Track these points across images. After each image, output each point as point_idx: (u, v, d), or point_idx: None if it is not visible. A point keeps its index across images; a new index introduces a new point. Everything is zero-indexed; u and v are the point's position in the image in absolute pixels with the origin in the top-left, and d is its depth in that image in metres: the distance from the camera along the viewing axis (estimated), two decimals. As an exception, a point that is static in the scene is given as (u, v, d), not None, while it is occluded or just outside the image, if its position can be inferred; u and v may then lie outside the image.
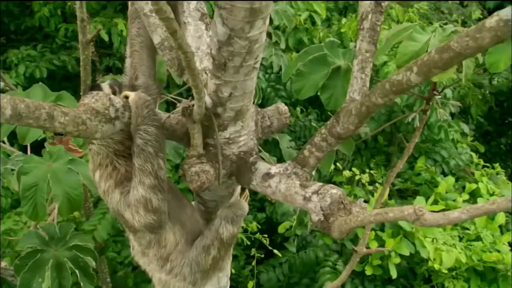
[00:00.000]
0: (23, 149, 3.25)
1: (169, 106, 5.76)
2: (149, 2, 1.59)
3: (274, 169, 1.63)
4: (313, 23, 6.68)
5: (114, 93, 1.68)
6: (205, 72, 1.66)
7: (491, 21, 0.86)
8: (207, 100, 1.53)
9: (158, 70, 2.62)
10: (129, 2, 1.77)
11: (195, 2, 1.73)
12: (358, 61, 1.43)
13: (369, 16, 1.37)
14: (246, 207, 1.78)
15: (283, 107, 1.75)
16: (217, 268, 1.77)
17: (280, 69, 5.91)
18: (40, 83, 2.60)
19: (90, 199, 3.98)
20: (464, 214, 1.14)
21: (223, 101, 1.51)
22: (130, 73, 1.75)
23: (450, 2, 7.66)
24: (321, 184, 1.52)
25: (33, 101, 1.18)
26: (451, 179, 5.49)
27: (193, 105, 1.49)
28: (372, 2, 1.35)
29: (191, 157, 1.59)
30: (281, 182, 1.59)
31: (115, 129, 1.45)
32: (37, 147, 2.76)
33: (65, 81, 6.75)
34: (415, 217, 1.19)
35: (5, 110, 1.11)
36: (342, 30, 6.32)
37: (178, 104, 1.57)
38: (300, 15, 6.39)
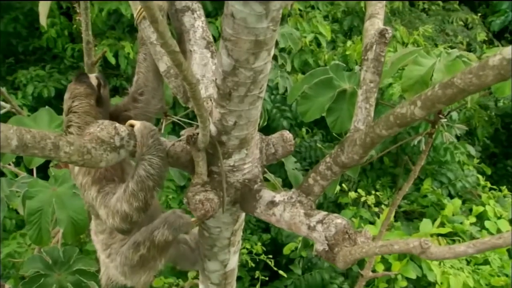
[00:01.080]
0: (29, 168, 3.27)
1: (175, 126, 5.79)
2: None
3: (279, 197, 1.62)
4: (319, 45, 6.74)
5: (99, 85, 1.78)
6: (210, 99, 1.67)
7: (494, 59, 0.86)
8: (212, 128, 1.54)
9: (164, 92, 2.65)
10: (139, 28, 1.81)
11: (201, 30, 1.75)
12: (362, 91, 1.43)
13: (373, 47, 1.38)
14: (193, 228, 1.79)
15: (288, 135, 1.75)
16: (147, 267, 1.78)
17: (286, 90, 5.94)
18: (47, 107, 2.62)
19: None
20: (471, 248, 1.13)
21: (227, 130, 1.52)
22: (135, 87, 1.86)
23: (455, 24, 7.71)
24: (325, 213, 1.51)
25: (38, 131, 1.19)
26: (457, 202, 5.45)
27: (197, 133, 1.49)
28: (376, 33, 1.36)
29: (195, 184, 1.59)
30: (285, 210, 1.58)
31: (120, 157, 1.46)
32: (43, 165, 2.77)
33: (72, 101, 6.79)
34: (421, 250, 1.18)
35: (11, 141, 1.12)
36: (347, 53, 6.36)
37: (182, 132, 1.58)
38: (305, 37, 6.45)
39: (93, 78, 1.79)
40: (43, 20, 0.96)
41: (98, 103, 1.74)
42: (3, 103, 3.48)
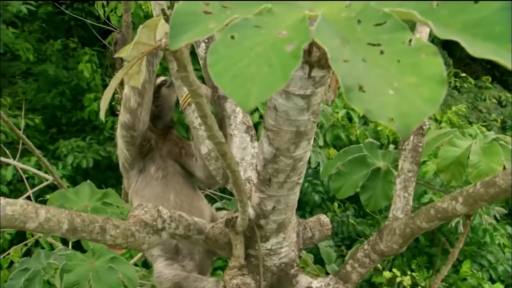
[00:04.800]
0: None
1: (205, 197, 5.84)
2: (199, 117, 1.70)
3: (316, 283, 1.61)
4: (350, 119, 6.82)
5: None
6: (248, 182, 1.72)
7: (537, 162, 0.88)
8: (251, 212, 1.56)
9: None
10: None
11: (241, 115, 1.84)
12: (400, 180, 1.45)
13: (411, 138, 1.41)
14: None
15: (325, 219, 1.76)
16: None
17: (318, 164, 5.96)
18: (88, 181, 2.71)
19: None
20: None
21: (266, 214, 1.54)
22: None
23: (488, 101, 7.72)
24: (364, 302, 1.47)
25: (88, 215, 1.25)
26: (499, 287, 5.16)
27: (236, 217, 1.52)
28: (414, 125, 1.41)
29: (232, 268, 1.60)
30: (322, 297, 1.56)
31: (161, 239, 1.49)
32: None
33: (108, 171, 7.01)
34: None
35: (62, 224, 1.17)
36: (379, 128, 6.41)
37: (222, 216, 1.61)
38: (337, 113, 6.56)
39: (159, 79, 1.98)
40: (102, 115, 1.03)
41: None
42: (46, 175, 3.63)
